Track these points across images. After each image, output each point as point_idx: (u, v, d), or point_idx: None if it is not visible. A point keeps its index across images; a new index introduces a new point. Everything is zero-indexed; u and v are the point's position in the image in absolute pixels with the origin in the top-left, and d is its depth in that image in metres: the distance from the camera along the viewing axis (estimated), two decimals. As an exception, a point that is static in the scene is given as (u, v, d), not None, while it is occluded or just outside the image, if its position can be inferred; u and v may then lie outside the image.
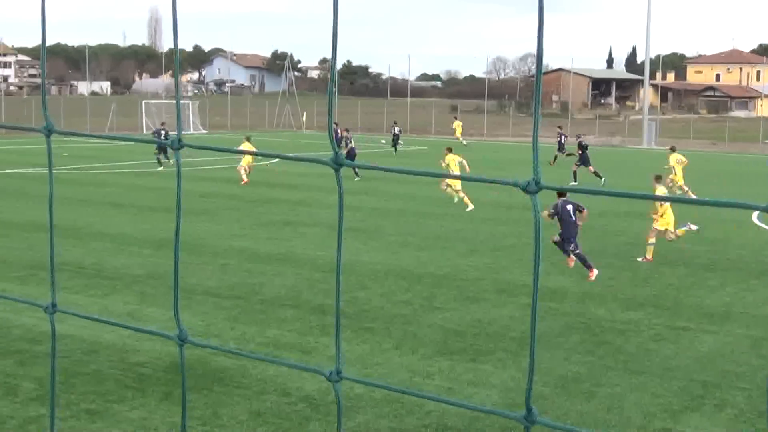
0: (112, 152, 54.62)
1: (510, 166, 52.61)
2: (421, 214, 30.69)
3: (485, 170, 45.60)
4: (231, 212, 29.62)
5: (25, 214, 28.68)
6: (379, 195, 35.99)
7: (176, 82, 2.55)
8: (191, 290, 18.72)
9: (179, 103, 2.63)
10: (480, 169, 45.50)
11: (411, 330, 16.10)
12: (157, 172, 43.43)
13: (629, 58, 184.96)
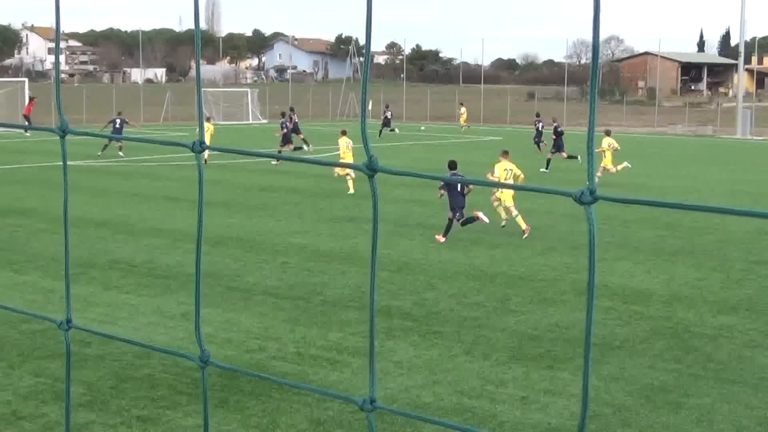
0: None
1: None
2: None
3: (563, 162, 45.29)
4: (291, 207, 29.78)
5: (75, 208, 29.09)
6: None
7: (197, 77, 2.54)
8: (249, 290, 18.85)
9: (201, 101, 2.60)
10: (557, 162, 45.24)
11: (483, 334, 16.04)
12: (211, 165, 43.77)
13: (722, 40, 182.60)
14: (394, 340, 15.55)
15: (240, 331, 15.94)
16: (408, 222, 27.17)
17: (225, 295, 18.41)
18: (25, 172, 37.51)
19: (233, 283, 19.51)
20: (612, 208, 31.54)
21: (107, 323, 16.30)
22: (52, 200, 30.66)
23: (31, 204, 29.36)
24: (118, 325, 16.12)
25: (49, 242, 23.53)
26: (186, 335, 15.61)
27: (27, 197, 30.76)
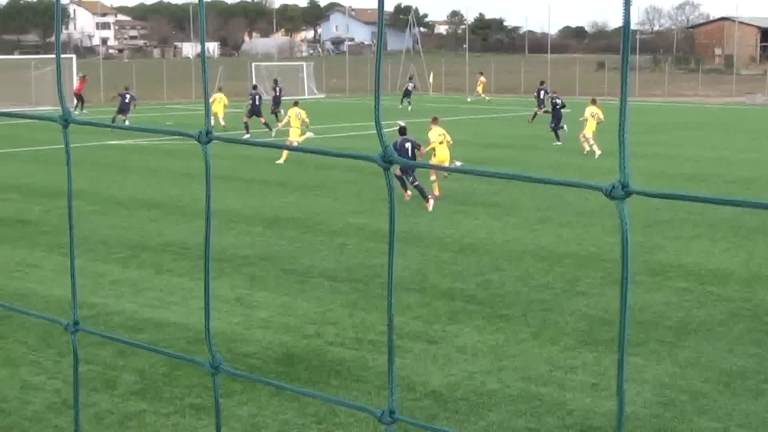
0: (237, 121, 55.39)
1: (660, 130, 51.71)
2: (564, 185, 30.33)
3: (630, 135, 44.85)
4: (349, 186, 29.83)
5: (126, 189, 29.38)
6: (516, 164, 35.77)
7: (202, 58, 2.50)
8: (305, 273, 18.92)
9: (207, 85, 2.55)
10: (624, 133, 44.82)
11: (551, 317, 15.97)
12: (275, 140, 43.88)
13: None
14: (458, 325, 15.53)
15: (296, 316, 16.01)
16: (471, 200, 27.10)
17: (280, 279, 18.49)
18: (73, 152, 37.88)
19: (289, 265, 19.59)
20: (687, 182, 31.22)
21: (159, 308, 16.44)
22: (102, 181, 30.97)
23: (80, 185, 29.64)
24: (171, 310, 16.26)
25: (99, 224, 23.77)
26: (241, 320, 15.72)
27: (76, 178, 31.06)
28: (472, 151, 40.36)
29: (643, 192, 1.93)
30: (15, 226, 23.66)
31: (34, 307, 16.42)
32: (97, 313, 16.15)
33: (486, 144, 43.04)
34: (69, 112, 2.79)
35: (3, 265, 19.55)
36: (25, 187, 29.62)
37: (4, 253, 20.65)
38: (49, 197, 27.58)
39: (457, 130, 49.09)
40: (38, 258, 20.11)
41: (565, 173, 33.12)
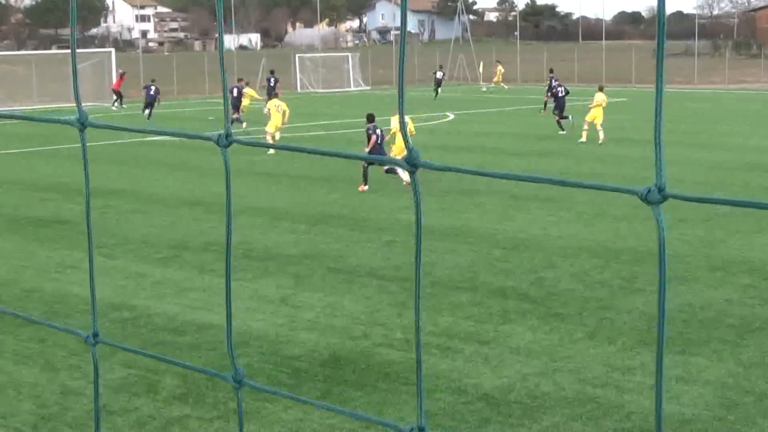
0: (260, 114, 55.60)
1: (720, 119, 51.27)
2: (621, 177, 30.21)
3: (688, 124, 44.54)
4: (397, 181, 29.79)
5: (167, 187, 29.55)
6: (570, 157, 35.63)
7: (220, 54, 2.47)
8: (352, 272, 18.93)
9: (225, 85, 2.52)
10: (681, 123, 44.50)
11: (608, 316, 15.88)
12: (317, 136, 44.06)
13: None
14: (510, 324, 15.48)
15: (343, 317, 16.02)
16: (524, 194, 27.00)
17: (327, 278, 18.52)
18: (113, 149, 38.16)
19: (335, 264, 19.62)
20: (749, 172, 30.94)
21: (202, 309, 16.51)
22: (143, 179, 31.17)
23: (121, 184, 29.87)
24: (214, 312, 16.32)
25: (140, 224, 23.92)
26: (285, 321, 15.76)
27: (117, 177, 31.30)
28: (524, 143, 40.26)
29: (680, 196, 1.89)
30: (54, 226, 23.86)
31: (75, 310, 16.56)
32: (138, 315, 16.26)
33: (539, 135, 42.89)
34: (85, 114, 2.78)
35: (43, 267, 19.72)
36: (63, 186, 29.85)
37: (43, 254, 20.84)
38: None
39: (507, 121, 48.99)
40: (78, 259, 20.26)
41: (621, 166, 32.92)
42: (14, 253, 20.99)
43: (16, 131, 46.35)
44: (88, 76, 67.10)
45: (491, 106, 62.63)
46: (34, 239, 22.41)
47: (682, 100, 64.74)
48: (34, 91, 68.71)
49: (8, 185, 30.17)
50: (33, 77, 69.30)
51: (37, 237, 22.65)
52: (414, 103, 61.36)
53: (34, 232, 23.16)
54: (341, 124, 49.54)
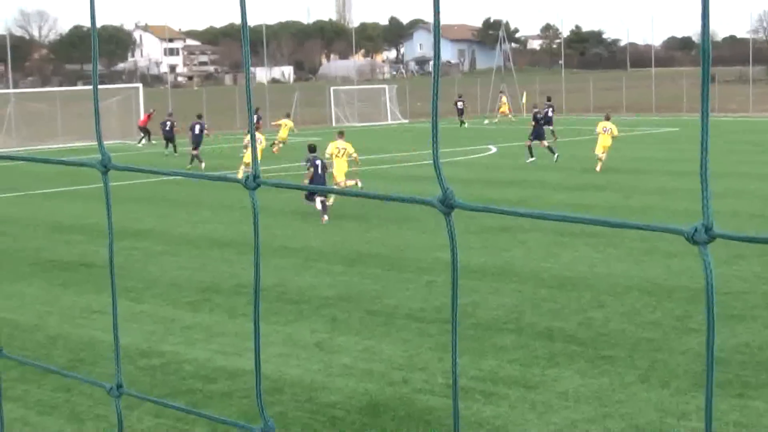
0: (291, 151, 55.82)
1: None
2: (672, 211, 30.08)
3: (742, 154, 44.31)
4: (437, 217, 29.36)
5: (197, 227, 29.67)
6: (617, 190, 35.50)
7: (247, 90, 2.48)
8: (391, 314, 18.91)
9: (252, 127, 2.53)
10: (735, 153, 44.28)
11: (660, 358, 15.76)
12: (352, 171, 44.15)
13: None
14: (558, 368, 15.40)
15: (381, 361, 15.99)
16: (571, 230, 26.91)
17: (364, 320, 18.50)
18: (140, 188, 38.39)
19: (373, 306, 19.60)
20: (810, 206, 30.73)
21: (233, 355, 16.53)
22: (171, 219, 31.32)
23: (149, 224, 30.03)
24: (246, 358, 16.33)
25: (169, 266, 24.02)
26: (321, 367, 15.74)
27: (144, 216, 31.49)
28: (569, 176, 40.18)
29: (729, 236, 1.88)
30: (79, 269, 24.00)
31: (101, 357, 16.62)
32: (167, 361, 16.29)
33: (584, 168, 42.78)
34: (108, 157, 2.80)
35: (68, 312, 19.82)
36: (89, 227, 30.03)
37: (68, 299, 20.95)
38: (115, 238, 27.92)
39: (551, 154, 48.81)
40: (104, 304, 20.35)
41: (673, 199, 32.77)
42: (38, 298, 21.12)
43: (39, 171, 46.71)
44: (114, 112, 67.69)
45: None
46: (58, 283, 22.54)
47: (736, 128, 64.50)
48: (59, 129, 69.34)
49: (32, 227, 30.39)
50: (58, 115, 69.95)
51: (61, 281, 22.78)
52: (454, 136, 61.48)
53: (59, 276, 23.30)
54: (378, 159, 49.60)
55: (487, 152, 53.04)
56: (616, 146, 49.62)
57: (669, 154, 48.39)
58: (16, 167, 48.53)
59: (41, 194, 38.92)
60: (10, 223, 31.49)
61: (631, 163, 44.57)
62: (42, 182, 42.54)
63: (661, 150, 51.09)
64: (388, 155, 51.04)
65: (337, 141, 33.61)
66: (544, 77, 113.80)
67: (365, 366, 15.78)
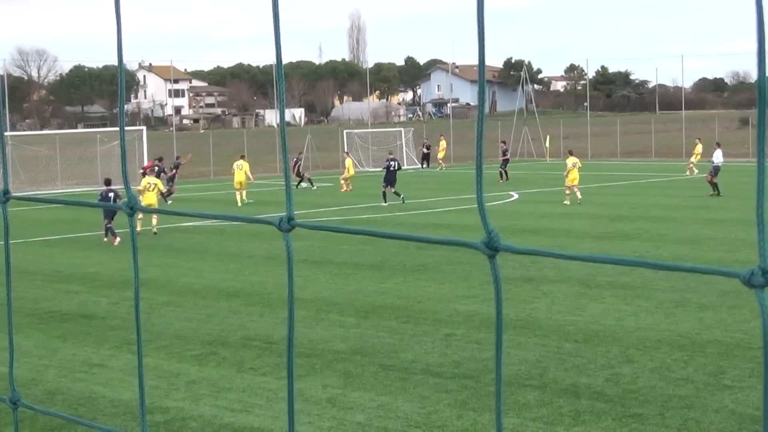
0: (303, 196, 56.00)
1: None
2: (705, 261, 30.01)
3: None
4: (456, 267, 29.81)
5: (203, 277, 29.73)
6: (647, 239, 35.48)
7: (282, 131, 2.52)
8: (407, 369, 18.89)
9: (287, 168, 2.57)
10: None
11: (693, 416, 15.72)
12: (366, 219, 44.22)
13: None
14: (584, 426, 15.36)
15: (398, 418, 15.97)
16: (597, 281, 26.91)
17: (379, 375, 18.48)
18: (144, 236, 38.50)
19: (388, 360, 19.59)
20: None
21: (241, 411, 16.53)
22: (176, 268, 31.38)
23: (153, 273, 30.07)
24: (255, 414, 16.33)
25: (173, 317, 24.05)
26: (333, 424, 15.72)
27: (148, 266, 31.53)
28: (596, 224, 40.18)
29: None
30: (79, 321, 24.05)
31: (101, 413, 16.62)
32: (171, 418, 16.29)
33: (613, 216, 42.79)
34: (135, 198, 2.85)
35: (66, 365, 19.84)
36: (89, 276, 30.14)
37: (67, 352, 20.98)
38: (117, 288, 28.01)
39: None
40: (105, 357, 20.39)
41: (705, 249, 32.78)
42: (36, 351, 21.15)
43: (37, 217, 46.90)
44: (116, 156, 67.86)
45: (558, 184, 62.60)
46: (57, 335, 22.58)
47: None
48: (58, 173, 69.63)
49: (29, 276, 30.47)
50: (58, 158, 70.26)
51: (60, 333, 22.83)
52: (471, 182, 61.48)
53: (58, 328, 23.35)
54: (393, 206, 49.70)
55: (509, 199, 53.09)
56: (645, 193, 49.70)
57: (700, 201, 48.37)
58: (13, 213, 48.71)
59: (40, 241, 39.04)
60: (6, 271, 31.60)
61: (660, 210, 44.56)
62: (41, 229, 42.68)
63: (692, 197, 51.06)
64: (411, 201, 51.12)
65: (148, 177, 40.97)
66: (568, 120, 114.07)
67: (380, 424, 15.75)
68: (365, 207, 49.74)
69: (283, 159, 2.57)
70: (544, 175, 70.78)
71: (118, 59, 2.73)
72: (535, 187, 59.51)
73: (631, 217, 42.28)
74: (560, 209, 45.98)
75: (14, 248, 36.43)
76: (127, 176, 2.91)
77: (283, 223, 2.43)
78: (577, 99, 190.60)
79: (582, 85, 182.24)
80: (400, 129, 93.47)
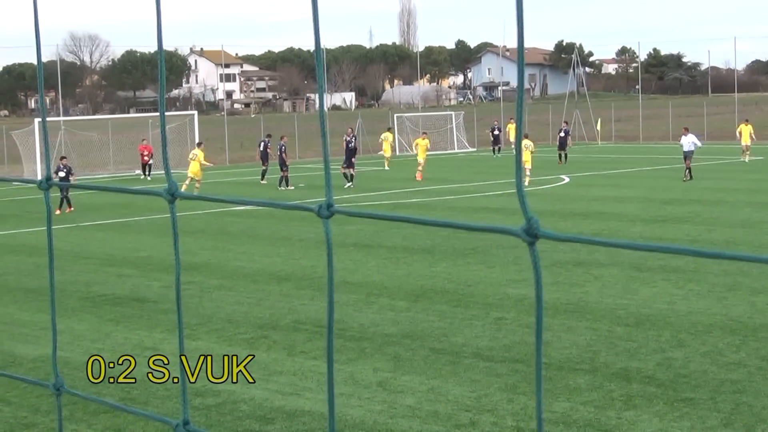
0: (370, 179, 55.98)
1: None
2: (758, 245, 29.84)
3: None
4: (507, 251, 29.74)
5: (254, 260, 29.82)
6: (699, 223, 35.27)
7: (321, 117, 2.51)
8: (457, 353, 18.88)
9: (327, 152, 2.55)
10: None
11: (745, 401, 15.62)
12: (416, 203, 44.22)
13: None
14: (635, 410, 15.30)
15: (448, 402, 15.97)
16: (648, 265, 26.77)
17: (429, 359, 18.49)
18: (196, 220, 38.66)
19: (438, 344, 19.59)
20: None
21: (292, 395, 16.58)
22: (228, 252, 31.50)
23: (204, 258, 30.21)
24: (305, 397, 16.39)
25: (225, 301, 24.15)
26: (384, 408, 15.75)
27: (199, 250, 31.70)
28: (647, 207, 39.98)
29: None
30: (131, 304, 24.19)
31: (153, 396, 16.73)
32: (223, 401, 16.37)
33: (663, 200, 42.55)
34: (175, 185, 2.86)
35: (118, 349, 19.95)
36: (141, 260, 30.32)
37: (120, 335, 21.12)
38: (168, 272, 28.14)
39: (627, 184, 48.70)
40: (158, 340, 20.51)
41: (759, 231, 32.54)
42: (88, 335, 21.30)
43: (91, 201, 47.21)
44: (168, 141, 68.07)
45: (610, 167, 62.38)
46: (110, 319, 22.74)
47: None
48: (111, 157, 70.05)
49: (82, 260, 30.68)
50: (110, 143, 70.68)
51: (113, 316, 22.97)
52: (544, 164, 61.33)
53: (110, 311, 23.51)
54: (443, 189, 49.67)
55: (560, 182, 52.91)
56: (697, 176, 49.39)
57: (753, 184, 47.99)
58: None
59: (92, 226, 39.28)
60: (60, 255, 31.78)
61: (713, 194, 44.26)
62: (93, 213, 42.96)
63: (745, 180, 50.69)
64: (455, 185, 51.04)
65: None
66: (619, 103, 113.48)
67: (431, 407, 15.77)
68: (415, 191, 49.72)
69: (323, 144, 2.57)
70: (595, 159, 70.49)
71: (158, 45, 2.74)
72: (586, 171, 59.25)
73: (683, 201, 42.03)
74: (612, 192, 45.77)
75: (67, 232, 36.76)
76: (169, 162, 2.92)
77: (323, 210, 2.41)
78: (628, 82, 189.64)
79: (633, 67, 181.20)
80: (450, 112, 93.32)
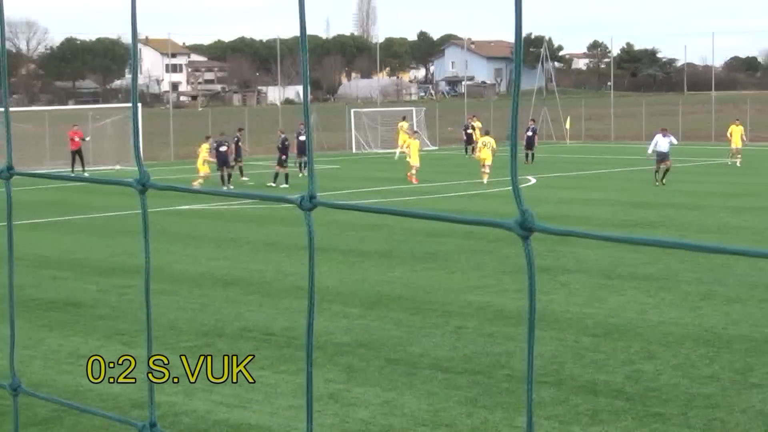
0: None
1: None
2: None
3: None
4: (468, 255, 29.80)
5: (199, 264, 29.72)
6: (672, 227, 35.45)
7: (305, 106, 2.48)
8: (414, 363, 18.88)
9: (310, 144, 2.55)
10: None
11: (718, 416, 15.70)
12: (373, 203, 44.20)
13: None
14: (601, 425, 15.36)
15: (403, 416, 15.97)
16: (618, 272, 26.88)
17: (384, 370, 18.47)
18: (134, 219, 38.46)
19: (394, 354, 19.58)
20: None
21: (237, 407, 16.53)
22: (170, 254, 31.34)
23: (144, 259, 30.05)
24: (251, 410, 16.34)
25: (167, 307, 24.01)
26: (336, 422, 15.73)
27: (138, 251, 31.50)
28: (617, 211, 40.15)
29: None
30: (66, 309, 24.05)
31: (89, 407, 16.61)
32: (163, 413, 16.27)
33: (634, 203, 42.74)
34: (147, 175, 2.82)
35: (53, 356, 19.85)
36: (77, 263, 30.14)
37: (54, 342, 20.99)
38: (106, 275, 28.01)
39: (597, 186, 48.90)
40: (94, 347, 20.39)
41: (735, 237, 32.72)
42: (20, 341, 21.11)
43: (24, 199, 46.89)
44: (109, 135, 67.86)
45: (579, 168, 62.61)
46: (43, 324, 22.58)
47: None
48: (47, 152, 69.55)
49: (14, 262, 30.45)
50: (46, 137, 70.18)
51: (46, 322, 22.82)
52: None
53: (43, 317, 23.34)
54: (402, 190, 49.70)
55: (526, 183, 53.05)
56: (670, 179, 49.64)
57: (729, 187, 48.28)
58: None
59: (25, 225, 38.99)
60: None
61: (687, 197, 44.47)
62: (27, 211, 42.62)
63: (720, 183, 51.00)
64: (415, 186, 51.08)
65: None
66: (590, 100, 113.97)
67: (385, 421, 15.75)
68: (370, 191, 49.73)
69: (306, 135, 2.56)
70: (563, 159, 70.73)
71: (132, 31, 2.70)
72: (553, 172, 59.43)
73: (655, 204, 42.23)
74: (581, 195, 45.94)
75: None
76: (140, 152, 2.88)
77: (305, 202, 2.38)
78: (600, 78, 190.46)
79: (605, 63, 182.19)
80: (411, 108, 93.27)
